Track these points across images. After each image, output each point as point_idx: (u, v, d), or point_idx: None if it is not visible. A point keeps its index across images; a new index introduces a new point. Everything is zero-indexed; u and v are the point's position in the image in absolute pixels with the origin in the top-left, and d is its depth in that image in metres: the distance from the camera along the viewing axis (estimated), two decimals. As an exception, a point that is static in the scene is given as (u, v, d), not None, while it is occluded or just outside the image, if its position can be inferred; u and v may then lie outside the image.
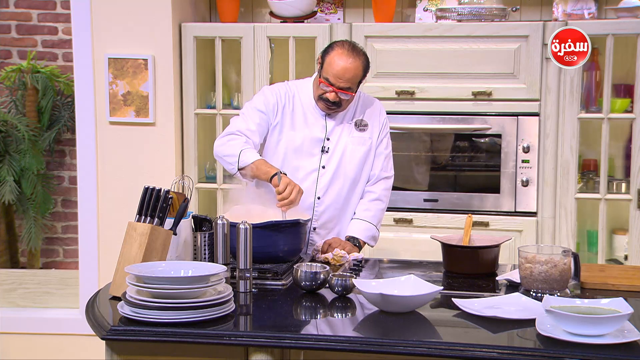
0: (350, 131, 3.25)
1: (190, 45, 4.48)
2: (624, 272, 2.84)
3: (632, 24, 4.05)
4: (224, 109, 4.55)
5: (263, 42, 4.42)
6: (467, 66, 4.21)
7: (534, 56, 4.13)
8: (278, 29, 4.45)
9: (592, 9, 4.24)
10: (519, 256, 2.60)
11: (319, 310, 2.47)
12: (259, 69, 4.43)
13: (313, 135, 3.21)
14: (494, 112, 4.22)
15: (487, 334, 2.19)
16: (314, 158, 3.21)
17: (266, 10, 4.67)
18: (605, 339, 2.04)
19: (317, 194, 3.23)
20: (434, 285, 2.43)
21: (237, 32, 4.45)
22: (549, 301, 2.20)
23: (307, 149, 3.21)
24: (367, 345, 2.14)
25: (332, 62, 3.06)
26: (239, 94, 4.54)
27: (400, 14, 4.65)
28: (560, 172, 4.18)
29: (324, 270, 2.58)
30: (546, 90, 4.15)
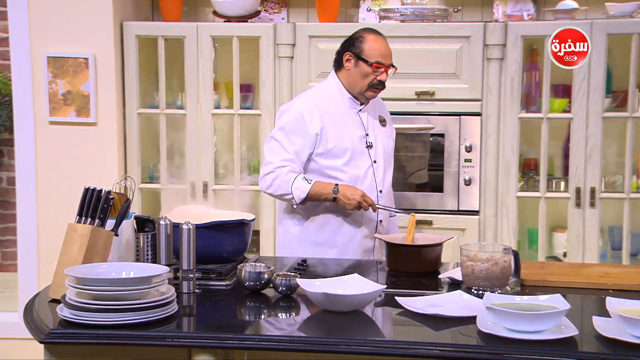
0: (378, 126, 3.40)
1: (132, 45, 4.43)
2: (563, 269, 2.91)
3: (569, 25, 4.11)
4: (167, 108, 4.51)
5: (206, 41, 4.39)
6: (411, 66, 4.24)
7: (476, 56, 4.18)
8: (221, 29, 4.42)
9: (531, 10, 4.32)
10: (460, 254, 2.63)
11: (263, 310, 2.47)
12: (203, 69, 4.40)
13: (357, 133, 3.32)
14: (437, 111, 4.27)
15: (429, 331, 2.21)
16: (364, 155, 3.31)
17: (209, 10, 4.64)
18: (544, 335, 2.08)
19: (378, 187, 3.33)
20: (377, 284, 2.45)
21: (180, 31, 4.41)
22: (489, 298, 2.23)
23: (357, 147, 3.31)
24: (311, 344, 2.14)
25: (374, 46, 3.25)
26: (183, 94, 4.51)
27: (344, 14, 4.66)
28: (502, 171, 4.24)
29: (268, 270, 2.58)
30: (487, 91, 4.21)
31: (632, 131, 4.16)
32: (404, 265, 2.89)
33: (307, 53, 4.32)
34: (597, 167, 4.18)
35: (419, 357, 2.09)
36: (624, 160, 4.20)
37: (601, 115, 4.15)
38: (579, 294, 2.60)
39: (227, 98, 4.64)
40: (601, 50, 4.09)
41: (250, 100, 4.60)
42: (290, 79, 4.36)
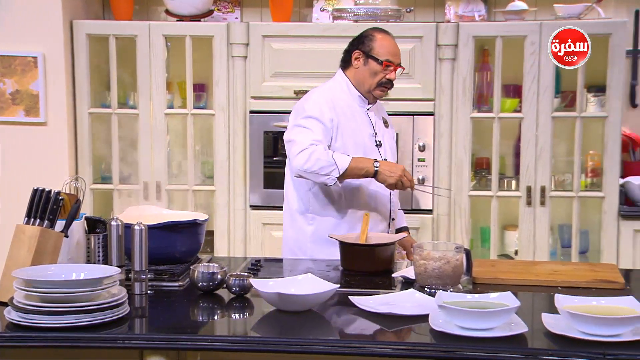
0: (383, 126, 3.38)
1: (82, 43, 4.37)
2: (514, 267, 2.94)
3: (520, 26, 4.20)
4: (119, 108, 4.46)
5: (159, 40, 4.35)
6: (364, 66, 4.25)
7: (428, 56, 4.22)
8: (174, 28, 4.39)
9: (482, 11, 4.38)
10: (413, 253, 2.65)
11: (216, 311, 2.45)
12: (155, 68, 4.36)
13: (366, 131, 3.29)
14: (391, 111, 4.26)
15: (382, 330, 2.22)
16: (375, 153, 3.28)
17: (162, 9, 4.60)
18: (494, 332, 2.10)
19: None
20: (330, 284, 2.45)
21: (131, 30, 4.37)
22: (441, 297, 2.24)
23: (369, 145, 3.28)
24: (264, 344, 2.14)
25: (383, 45, 3.23)
26: (135, 93, 4.46)
27: (297, 13, 4.66)
28: (455, 171, 4.29)
29: (221, 270, 2.56)
30: (440, 90, 4.25)
31: (580, 131, 4.24)
32: (358, 265, 2.89)
33: (261, 53, 4.31)
34: (547, 166, 4.24)
35: (372, 355, 2.10)
36: (573, 159, 4.28)
37: (551, 115, 4.22)
38: (529, 291, 2.63)
39: (180, 98, 4.61)
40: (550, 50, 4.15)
41: (204, 100, 4.57)
42: (244, 78, 4.35)
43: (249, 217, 4.43)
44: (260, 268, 2.94)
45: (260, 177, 4.41)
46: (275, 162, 4.43)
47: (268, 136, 4.38)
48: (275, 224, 4.41)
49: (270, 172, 4.41)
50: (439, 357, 2.08)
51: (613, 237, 4.23)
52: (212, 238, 4.46)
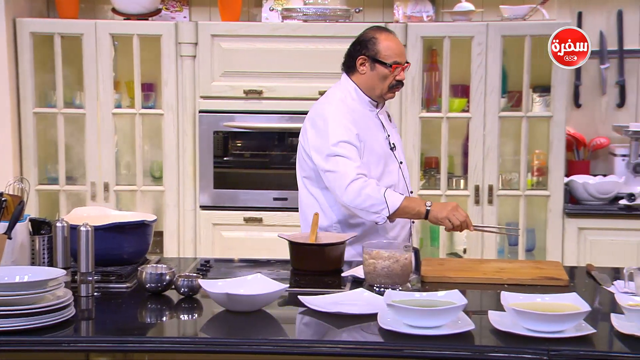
0: (390, 124, 3.28)
1: (26, 42, 4.29)
2: (462, 265, 2.97)
3: (467, 26, 4.25)
4: (65, 107, 4.40)
5: (105, 39, 4.30)
6: (314, 66, 4.27)
7: (377, 57, 4.23)
8: (121, 27, 4.35)
9: (430, 11, 4.42)
10: (363, 252, 2.66)
11: (164, 312, 2.43)
12: (102, 68, 4.31)
13: (380, 135, 3.16)
14: (341, 111, 4.29)
15: (331, 329, 2.23)
16: (391, 158, 3.18)
17: (108, 7, 4.54)
18: (442, 330, 2.12)
19: (409, 189, 3.23)
20: (280, 284, 2.45)
21: (77, 28, 4.31)
22: (390, 295, 2.26)
23: (384, 151, 3.15)
24: (212, 345, 2.13)
25: (388, 46, 3.08)
26: (81, 93, 4.40)
27: (246, 13, 4.65)
28: (404, 170, 4.31)
29: (169, 271, 2.54)
30: (389, 90, 4.26)
31: (526, 130, 4.30)
32: (307, 264, 2.89)
33: (210, 52, 4.29)
34: (495, 165, 4.30)
35: (321, 355, 2.11)
36: (520, 158, 4.34)
37: (498, 115, 4.28)
38: (477, 289, 2.66)
39: (128, 97, 4.56)
40: (497, 51, 4.21)
41: (153, 100, 4.53)
42: (193, 78, 4.32)
43: (198, 218, 4.40)
44: (210, 269, 2.92)
45: (210, 177, 4.39)
46: (226, 162, 4.41)
47: (218, 136, 4.36)
48: (225, 224, 4.40)
49: (220, 172, 4.39)
50: (387, 356, 2.09)
51: (558, 234, 4.30)
52: (162, 239, 4.43)
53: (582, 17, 4.63)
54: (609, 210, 4.30)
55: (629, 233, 4.27)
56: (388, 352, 2.09)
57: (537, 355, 2.02)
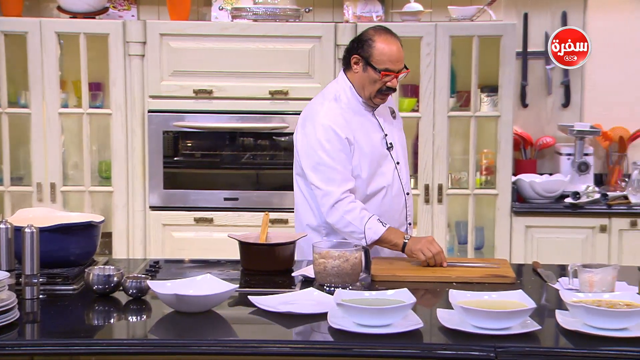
0: (391, 121, 3.18)
1: (-31, 40, 4.21)
2: (411, 264, 2.99)
3: (416, 27, 4.28)
4: (10, 107, 4.33)
5: (51, 38, 4.23)
6: (265, 65, 4.26)
7: (328, 56, 4.25)
8: (67, 25, 4.28)
9: (380, 12, 4.44)
10: (313, 252, 2.66)
11: (112, 314, 2.41)
12: (48, 67, 4.25)
13: (376, 135, 3.09)
14: (292, 110, 4.30)
15: (281, 329, 2.23)
16: (388, 158, 3.10)
17: (54, 5, 4.48)
18: (391, 329, 2.14)
19: (405, 190, 3.15)
20: (229, 284, 2.44)
21: (21, 26, 4.24)
22: (339, 295, 2.27)
23: (380, 152, 3.08)
24: (161, 347, 2.11)
25: (383, 52, 2.96)
26: (26, 92, 4.33)
27: (196, 12, 4.62)
28: (354, 169, 4.32)
29: (117, 272, 2.52)
30: (340, 90, 4.28)
31: (475, 130, 4.36)
32: (258, 264, 2.89)
33: (159, 51, 4.25)
34: (444, 164, 4.34)
35: (270, 355, 2.11)
36: (468, 157, 4.39)
37: (447, 115, 4.32)
38: (426, 287, 2.69)
39: (75, 97, 4.50)
40: (445, 51, 4.26)
41: (100, 99, 4.48)
42: (142, 77, 4.28)
43: (148, 218, 4.36)
44: (159, 269, 2.89)
45: (160, 177, 4.35)
46: (176, 162, 4.38)
47: (168, 136, 4.33)
48: (175, 225, 4.36)
49: (170, 172, 4.36)
50: (337, 355, 2.10)
51: (506, 233, 4.36)
52: (110, 240, 4.38)
53: (527, 18, 4.71)
54: (554, 208, 4.38)
55: (574, 231, 4.35)
56: (337, 352, 2.10)
57: (484, 352, 2.05)
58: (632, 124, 4.74)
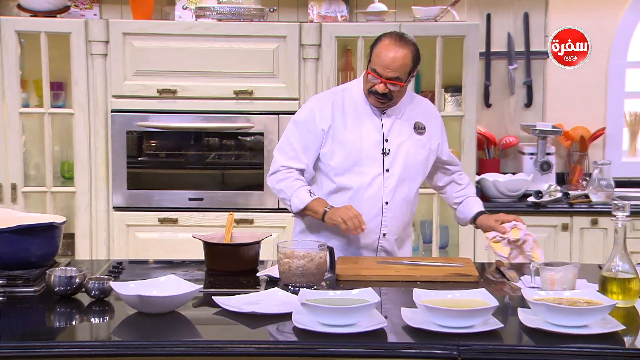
0: (410, 132, 3.08)
1: None
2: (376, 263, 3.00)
3: (380, 26, 4.28)
4: (-30, 106, 4.26)
5: (11, 37, 4.18)
6: (229, 65, 4.25)
7: (292, 56, 4.25)
8: (28, 24, 4.24)
9: (344, 12, 4.45)
10: (277, 252, 2.66)
11: (74, 316, 2.38)
12: (8, 66, 4.20)
13: (370, 136, 3.03)
14: (256, 110, 4.29)
15: (246, 330, 2.22)
16: (375, 161, 3.03)
17: (14, 3, 4.43)
18: (355, 328, 2.14)
19: (385, 199, 3.06)
20: (193, 284, 2.42)
21: (-19, 25, 4.18)
22: (304, 294, 2.27)
23: (368, 151, 3.03)
24: (124, 348, 2.09)
25: (380, 52, 2.93)
26: (-14, 91, 4.27)
27: (159, 11, 4.59)
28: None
29: (79, 274, 2.49)
30: (304, 90, 4.28)
31: (439, 129, 4.37)
32: (222, 265, 2.88)
33: (122, 51, 4.22)
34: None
35: (235, 355, 2.10)
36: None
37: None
38: (391, 286, 2.69)
39: (36, 96, 4.45)
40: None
41: (62, 99, 4.43)
42: (105, 77, 4.24)
43: (112, 219, 4.32)
44: (123, 270, 2.87)
45: (124, 177, 4.32)
46: (140, 162, 4.35)
47: (132, 136, 4.29)
48: (139, 225, 4.33)
49: (134, 173, 4.33)
50: (301, 354, 2.10)
51: (470, 232, 4.39)
52: (73, 241, 4.33)
53: (490, 18, 4.76)
54: (518, 207, 4.42)
55: (536, 229, 4.33)
56: (301, 351, 2.10)
57: (447, 351, 2.06)
58: (593, 124, 4.81)
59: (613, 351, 2.07)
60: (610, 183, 4.48)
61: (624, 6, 4.73)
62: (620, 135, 4.89)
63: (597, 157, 4.78)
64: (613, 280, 2.39)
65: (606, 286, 2.40)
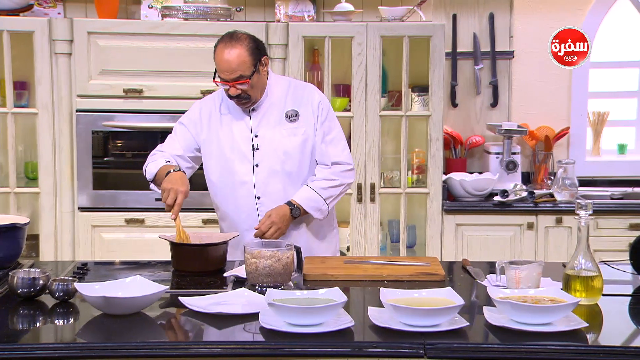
0: (280, 124, 3.08)
1: None
2: (343, 263, 3.00)
3: (347, 27, 4.31)
4: None
5: (-27, 35, 4.13)
6: (196, 64, 4.23)
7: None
8: (-10, 22, 4.18)
9: (311, 11, 4.45)
10: (245, 252, 2.65)
11: (38, 318, 2.35)
12: (-29, 64, 4.14)
13: (240, 134, 3.07)
14: (222, 111, 4.27)
15: (212, 330, 2.21)
16: (246, 159, 3.07)
17: (-24, 1, 4.35)
18: (322, 328, 2.14)
19: (257, 194, 3.08)
20: (159, 285, 2.41)
21: (-59, 23, 4.12)
22: (271, 294, 2.26)
23: (238, 149, 3.07)
24: (88, 350, 2.07)
25: (217, 59, 2.95)
26: (-54, 91, 4.21)
27: (125, 10, 4.56)
28: (287, 169, 4.32)
29: (43, 275, 2.46)
30: (271, 90, 4.27)
31: (406, 129, 4.40)
32: (189, 265, 2.86)
33: (87, 50, 4.18)
34: (377, 163, 4.38)
35: (201, 356, 2.09)
36: (400, 156, 4.44)
37: (378, 114, 4.35)
38: (358, 286, 2.70)
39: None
40: (376, 51, 4.29)
41: (26, 99, 4.38)
42: (69, 76, 4.20)
43: (77, 220, 4.28)
44: (87, 272, 2.84)
45: (89, 178, 4.28)
46: (106, 162, 4.31)
47: (98, 136, 4.26)
48: (105, 226, 4.29)
49: (100, 173, 4.29)
50: (268, 355, 2.09)
51: (437, 231, 4.42)
52: (38, 242, 4.29)
53: (456, 19, 4.79)
54: (484, 206, 4.45)
55: (502, 228, 4.44)
56: (268, 351, 2.09)
57: (414, 349, 2.07)
58: (557, 124, 4.87)
59: (576, 348, 2.09)
60: (575, 182, 4.53)
61: (587, 7, 4.79)
62: (584, 134, 4.95)
63: (562, 156, 4.84)
64: (576, 278, 2.42)
65: (570, 284, 2.43)
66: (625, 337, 2.26)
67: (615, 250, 4.03)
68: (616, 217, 4.39)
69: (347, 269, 2.85)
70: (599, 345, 2.15)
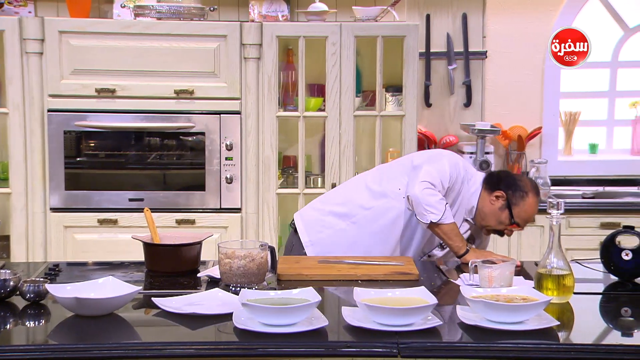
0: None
1: None
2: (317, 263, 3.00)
3: (321, 26, 4.31)
4: None
5: (-57, 34, 4.07)
6: (169, 64, 4.21)
7: (233, 56, 4.23)
8: (-40, 21, 4.13)
9: (285, 11, 4.45)
10: (218, 252, 2.64)
11: (8, 320, 2.33)
12: (-60, 64, 4.08)
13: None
14: (197, 110, 4.26)
15: (186, 330, 2.20)
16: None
17: (-55, 0, 4.31)
18: (296, 328, 2.14)
19: None
20: (132, 286, 2.40)
21: None
22: (244, 295, 2.26)
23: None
24: (60, 351, 2.06)
25: (528, 210, 3.15)
26: None
27: (97, 9, 4.53)
28: (262, 169, 4.32)
29: (14, 276, 2.44)
30: (246, 89, 4.27)
31: (380, 129, 4.41)
32: (163, 265, 2.85)
33: (58, 49, 4.15)
34: (351, 163, 4.38)
35: (174, 357, 2.08)
36: (375, 156, 4.44)
37: (353, 114, 4.36)
38: (333, 285, 2.70)
39: (-31, 95, 4.34)
40: (350, 51, 4.29)
41: (-4, 98, 4.33)
42: (41, 75, 4.16)
43: (49, 220, 4.24)
44: (59, 273, 2.82)
45: (61, 178, 4.24)
46: (78, 162, 4.28)
47: (70, 136, 4.22)
48: (78, 227, 4.26)
49: (72, 173, 4.26)
50: (242, 355, 2.09)
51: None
52: (9, 243, 4.24)
53: (430, 19, 4.81)
54: (458, 205, 4.46)
55: (476, 227, 4.45)
56: (242, 352, 2.09)
57: (387, 349, 2.08)
58: (530, 124, 4.90)
59: (548, 346, 2.11)
60: (547, 181, 4.56)
61: (559, 7, 4.83)
62: (556, 134, 4.99)
63: (534, 156, 4.87)
64: (548, 276, 2.44)
65: (541, 283, 2.45)
66: (596, 335, 2.28)
67: (586, 249, 4.06)
68: (588, 216, 4.43)
69: (322, 269, 2.85)
70: (570, 343, 2.17)
